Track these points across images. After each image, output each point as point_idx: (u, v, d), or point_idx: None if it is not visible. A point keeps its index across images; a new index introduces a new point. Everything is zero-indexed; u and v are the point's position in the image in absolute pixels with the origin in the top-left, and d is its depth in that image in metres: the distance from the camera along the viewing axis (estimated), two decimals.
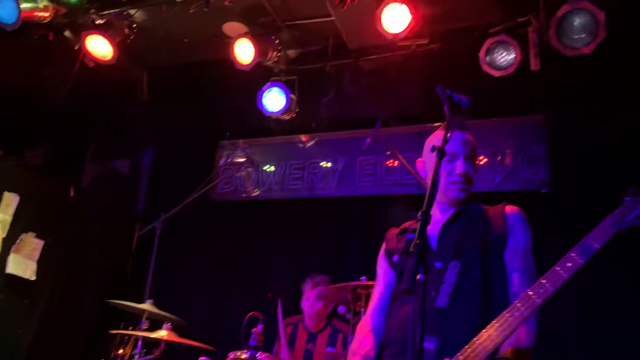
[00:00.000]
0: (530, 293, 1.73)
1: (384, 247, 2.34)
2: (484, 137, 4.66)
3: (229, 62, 4.59)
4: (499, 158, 4.58)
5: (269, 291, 5.01)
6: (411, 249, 1.44)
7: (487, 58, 4.09)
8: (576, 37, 3.57)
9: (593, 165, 4.12)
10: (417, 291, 1.44)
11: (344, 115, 4.95)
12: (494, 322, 1.77)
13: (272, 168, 5.42)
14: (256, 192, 5.37)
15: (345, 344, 3.82)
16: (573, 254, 1.66)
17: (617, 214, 1.66)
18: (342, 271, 4.62)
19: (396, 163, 4.83)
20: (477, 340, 1.77)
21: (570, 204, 4.16)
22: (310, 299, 4.16)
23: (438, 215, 2.18)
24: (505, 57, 4.07)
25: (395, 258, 2.22)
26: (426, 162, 2.27)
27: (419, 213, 1.55)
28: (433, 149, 1.73)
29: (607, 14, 3.49)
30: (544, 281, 1.71)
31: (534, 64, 3.91)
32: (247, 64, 4.59)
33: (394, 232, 2.34)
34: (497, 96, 4.44)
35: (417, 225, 1.54)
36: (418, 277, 1.46)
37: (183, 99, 5.46)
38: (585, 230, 4.17)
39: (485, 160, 4.63)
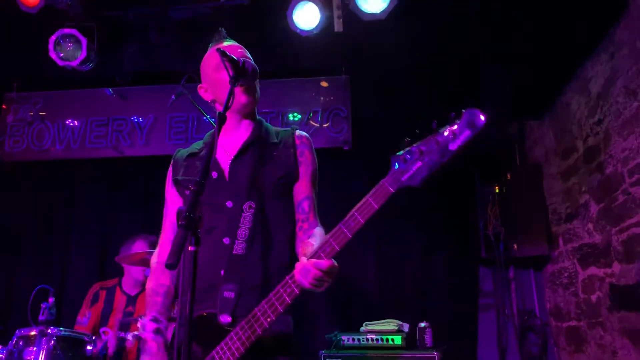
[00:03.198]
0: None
1: (170, 169, 2.17)
2: (295, 95, 4.79)
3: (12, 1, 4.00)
4: (309, 116, 4.73)
5: (70, 259, 4.66)
6: (179, 222, 1.39)
7: (294, 17, 4.12)
8: (373, 1, 3.74)
9: (387, 125, 4.47)
10: (187, 264, 1.40)
11: (151, 68, 4.63)
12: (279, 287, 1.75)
13: (71, 124, 4.93)
14: (52, 151, 4.85)
15: None
16: (356, 213, 1.67)
17: (392, 174, 1.66)
18: (155, 234, 4.45)
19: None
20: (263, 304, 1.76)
21: (368, 160, 4.50)
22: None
23: (228, 134, 2.08)
24: (312, 16, 4.14)
25: (184, 185, 2.07)
26: (204, 87, 2.16)
27: (193, 182, 1.50)
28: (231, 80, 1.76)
29: None
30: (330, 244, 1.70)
31: (337, 26, 4.04)
32: (33, 6, 4.04)
33: (182, 154, 2.17)
34: (305, 56, 4.55)
35: (192, 194, 1.49)
36: (190, 248, 1.42)
37: None
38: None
39: (299, 117, 4.76)
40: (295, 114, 4.76)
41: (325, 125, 4.68)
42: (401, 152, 1.67)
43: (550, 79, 4.17)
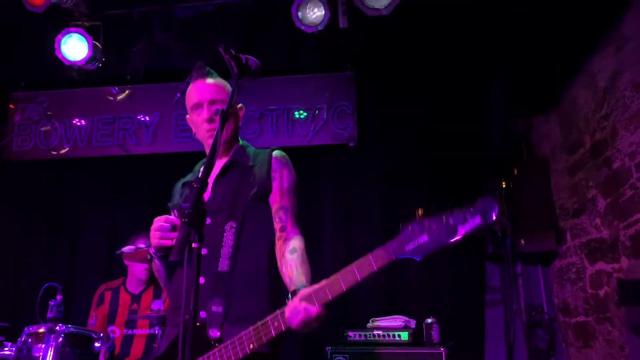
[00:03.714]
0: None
1: (172, 198, 2.29)
2: (300, 93, 4.80)
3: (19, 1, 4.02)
4: (314, 113, 4.73)
5: (77, 257, 4.70)
6: (183, 219, 1.40)
7: (299, 14, 4.13)
8: None
9: (394, 122, 4.47)
10: (192, 260, 1.41)
11: (155, 66, 4.65)
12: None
13: (78, 123, 4.95)
14: (59, 150, 4.88)
15: None
16: (355, 268, 1.72)
17: (399, 240, 1.70)
18: None
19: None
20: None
21: (373, 157, 4.50)
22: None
23: (217, 165, 2.17)
24: (317, 13, 4.15)
25: (176, 213, 2.18)
26: (188, 119, 2.26)
27: (196, 180, 1.52)
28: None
29: None
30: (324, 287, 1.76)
31: (342, 22, 4.04)
32: (39, 5, 4.06)
33: (178, 183, 2.30)
34: (311, 52, 4.56)
35: (195, 191, 1.50)
36: (194, 245, 1.43)
37: None
38: (386, 182, 4.54)
39: (304, 115, 4.77)
40: (301, 111, 4.76)
41: (330, 122, 4.67)
42: (412, 222, 1.71)
43: (556, 73, 4.15)
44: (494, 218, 1.58)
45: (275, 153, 2.19)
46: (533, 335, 4.47)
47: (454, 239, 1.62)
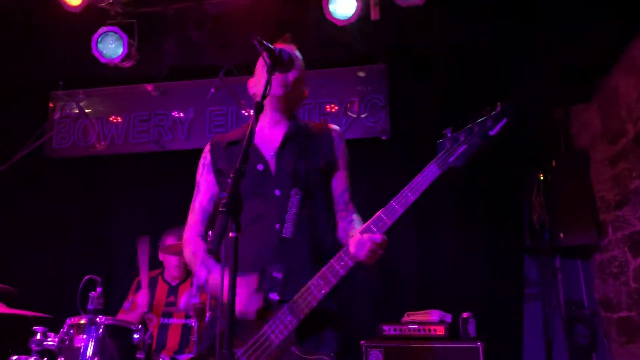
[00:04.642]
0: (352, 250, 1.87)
1: (208, 155, 2.22)
2: (332, 86, 4.78)
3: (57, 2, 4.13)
4: (346, 106, 4.70)
5: (114, 251, 4.81)
6: (220, 208, 1.40)
7: (331, 6, 4.10)
8: None
9: (426, 114, 4.40)
10: (229, 250, 1.41)
11: (189, 62, 4.70)
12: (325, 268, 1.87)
13: (115, 120, 5.06)
14: (97, 147, 4.99)
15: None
16: (407, 191, 1.83)
17: (441, 157, 1.84)
18: None
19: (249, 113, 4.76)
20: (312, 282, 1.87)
21: (405, 150, 4.44)
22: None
23: (267, 130, 2.18)
24: (348, 5, 4.11)
25: (227, 174, 2.10)
26: (255, 79, 2.24)
27: (234, 170, 1.52)
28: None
29: None
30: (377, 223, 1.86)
31: (374, 13, 4.00)
32: (77, 5, 4.16)
33: (221, 141, 2.23)
34: (342, 45, 4.53)
35: (233, 181, 1.51)
36: (231, 234, 1.43)
37: (7, 44, 4.83)
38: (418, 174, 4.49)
39: (336, 108, 4.75)
40: (333, 105, 4.74)
41: (362, 115, 4.64)
42: (444, 139, 1.86)
43: (596, 59, 4.01)
44: (516, 111, 1.80)
45: (334, 127, 2.29)
46: (573, 331, 4.36)
47: (490, 142, 1.81)
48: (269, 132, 2.18)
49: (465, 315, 3.64)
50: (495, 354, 3.53)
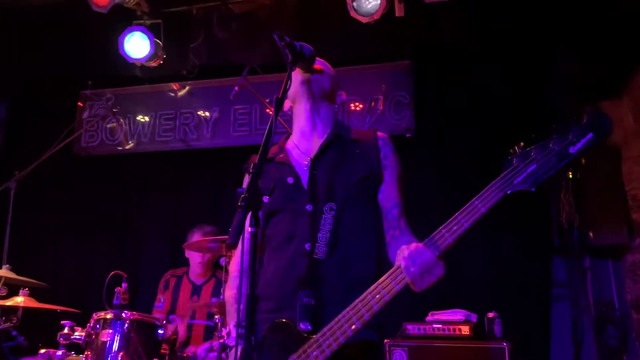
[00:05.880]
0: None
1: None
2: (356, 84, 4.75)
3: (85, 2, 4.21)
4: (370, 104, 4.68)
5: (142, 248, 4.87)
6: (239, 203, 1.40)
7: (354, 4, 4.09)
8: None
9: (452, 112, 4.34)
10: (252, 245, 1.41)
11: (214, 61, 4.74)
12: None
13: (142, 119, 5.13)
14: (124, 146, 5.07)
15: None
16: (460, 217, 1.72)
17: (505, 177, 1.64)
18: (220, 223, 4.56)
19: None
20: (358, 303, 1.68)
21: (430, 147, 4.40)
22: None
23: (303, 141, 2.02)
24: (372, 2, 4.10)
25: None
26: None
27: (251, 165, 1.52)
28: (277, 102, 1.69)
29: None
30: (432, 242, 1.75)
31: (399, 10, 3.97)
32: (104, 5, 4.24)
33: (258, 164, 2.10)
34: (366, 42, 4.50)
35: (251, 177, 1.51)
36: (250, 229, 1.43)
37: (37, 45, 4.95)
38: (444, 173, 4.46)
39: (360, 106, 4.72)
40: (357, 103, 4.72)
41: (387, 112, 4.60)
42: (514, 156, 1.64)
43: (627, 53, 3.90)
44: (609, 125, 1.54)
45: (382, 134, 2.03)
46: (603, 332, 4.25)
47: (567, 160, 1.55)
48: (306, 143, 2.01)
49: (491, 315, 3.57)
50: (521, 355, 3.47)
